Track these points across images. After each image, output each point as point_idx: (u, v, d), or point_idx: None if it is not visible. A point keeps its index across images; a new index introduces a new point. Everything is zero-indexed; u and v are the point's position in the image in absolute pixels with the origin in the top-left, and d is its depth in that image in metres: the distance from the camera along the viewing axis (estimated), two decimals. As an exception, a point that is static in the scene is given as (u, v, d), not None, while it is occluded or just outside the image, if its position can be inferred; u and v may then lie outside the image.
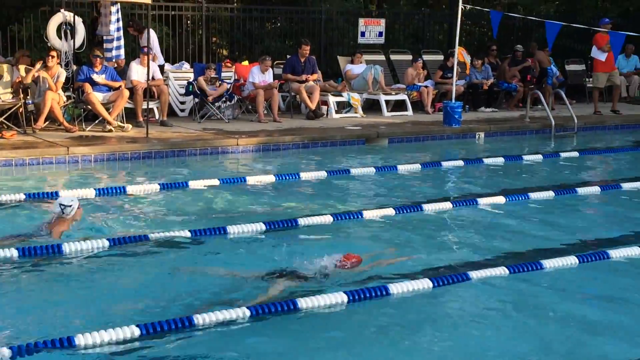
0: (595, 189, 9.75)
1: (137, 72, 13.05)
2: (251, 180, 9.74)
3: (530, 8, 21.88)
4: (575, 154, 12.68)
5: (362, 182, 10.22)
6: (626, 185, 9.90)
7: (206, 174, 9.95)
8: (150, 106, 12.85)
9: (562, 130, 14.70)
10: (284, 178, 9.97)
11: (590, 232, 7.87)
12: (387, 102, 15.72)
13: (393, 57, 17.70)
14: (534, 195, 9.14)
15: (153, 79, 12.95)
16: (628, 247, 7.01)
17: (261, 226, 7.44)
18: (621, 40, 13.81)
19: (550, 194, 9.29)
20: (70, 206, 6.87)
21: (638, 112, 17.16)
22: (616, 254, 6.85)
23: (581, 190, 9.57)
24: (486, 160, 11.65)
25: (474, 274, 6.16)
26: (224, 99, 14.01)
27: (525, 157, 12.22)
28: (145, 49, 12.65)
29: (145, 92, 12.72)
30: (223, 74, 14.68)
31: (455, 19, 14.62)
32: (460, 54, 16.96)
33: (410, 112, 15.68)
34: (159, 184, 9.26)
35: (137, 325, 4.92)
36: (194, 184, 9.33)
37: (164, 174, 10.23)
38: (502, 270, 6.30)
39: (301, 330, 5.22)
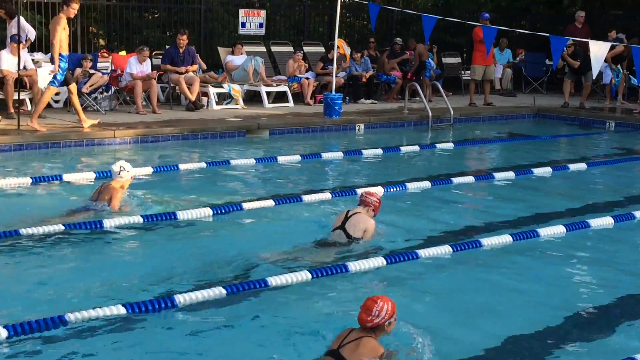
0: (470, 179, 10.02)
1: (7, 62, 12.53)
2: (129, 173, 9.51)
3: (408, 1, 22.31)
4: (451, 145, 13.01)
5: (243, 174, 10.15)
6: (498, 175, 10.23)
7: (81, 167, 9.67)
8: (21, 97, 12.37)
9: (439, 122, 15.07)
10: (162, 170, 9.81)
11: (463, 221, 8.08)
12: (268, 93, 15.70)
13: (274, 48, 17.69)
14: (411, 186, 9.32)
15: (25, 68, 12.47)
16: (499, 236, 7.24)
17: (139, 219, 7.31)
18: (493, 34, 14.23)
19: (426, 184, 9.50)
20: (128, 171, 7.77)
21: (511, 104, 17.78)
22: (488, 242, 7.06)
23: (456, 180, 9.82)
24: (365, 152, 11.80)
25: (352, 266, 6.23)
26: (100, 90, 13.64)
27: (403, 148, 12.44)
28: (16, 37, 12.16)
29: (16, 82, 12.25)
30: (99, 65, 14.29)
31: (336, 11, 14.73)
32: (341, 46, 17.15)
33: (291, 103, 15.72)
34: (31, 177, 8.94)
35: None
36: (68, 177, 9.05)
37: (36, 167, 9.88)
38: (381, 261, 6.38)
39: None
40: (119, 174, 7.74)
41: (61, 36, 11.16)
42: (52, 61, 11.52)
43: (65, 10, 11.29)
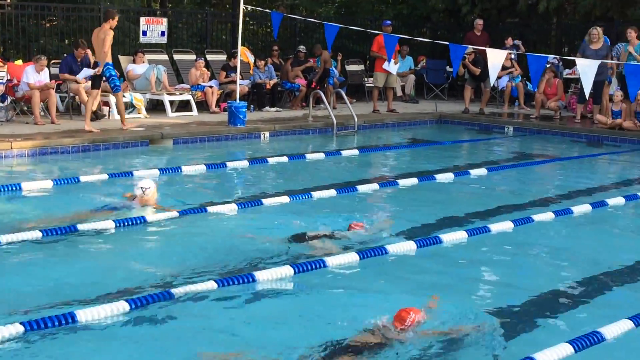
0: (374, 186, 10.11)
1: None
2: (27, 186, 9.23)
3: (311, 9, 22.43)
4: (356, 151, 13.13)
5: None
6: (402, 182, 10.38)
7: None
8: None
9: (343, 129, 15.19)
10: (63, 183, 9.55)
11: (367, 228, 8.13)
12: (171, 102, 15.52)
13: (177, 56, 17.50)
14: (316, 194, 9.34)
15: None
16: (403, 242, 7.33)
17: (37, 234, 7.09)
18: (394, 42, 14.45)
19: (332, 192, 9.54)
20: (149, 187, 8.21)
21: (413, 110, 18.09)
22: (393, 248, 7.13)
23: (361, 188, 9.90)
24: (270, 160, 11.78)
25: (259, 275, 6.20)
26: (-5, 100, 13.21)
27: (309, 156, 12.48)
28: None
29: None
30: (-6, 74, 13.82)
31: (238, 19, 14.67)
32: (244, 54, 17.10)
33: (195, 112, 15.56)
34: None
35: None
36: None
37: None
38: (287, 270, 6.37)
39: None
40: (144, 194, 8.18)
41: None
42: (93, 67, 13.40)
43: (110, 22, 12.67)
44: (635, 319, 5.49)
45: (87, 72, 13.80)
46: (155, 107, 15.87)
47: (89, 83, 13.34)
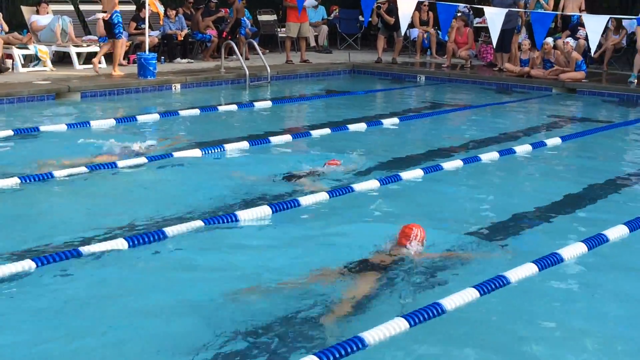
0: (287, 137, 10.08)
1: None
2: None
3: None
4: (269, 103, 13.04)
5: (53, 140, 9.69)
6: (315, 132, 10.38)
7: None
8: None
9: (256, 80, 15.05)
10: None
11: (279, 179, 8.10)
12: (78, 54, 15.05)
13: (82, 7, 16.91)
14: (229, 147, 9.25)
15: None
16: (318, 193, 7.34)
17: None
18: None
19: (245, 144, 9.47)
20: None
21: (326, 60, 18.04)
22: (305, 200, 7.14)
23: (274, 139, 9.86)
24: (182, 112, 11.61)
25: (169, 231, 6.13)
26: None
27: (221, 108, 12.35)
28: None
29: None
30: None
31: (146, -32, 14.28)
32: (153, 4, 16.60)
33: (103, 64, 15.15)
34: None
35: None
36: None
37: None
38: (197, 223, 6.32)
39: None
40: None
41: None
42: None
43: None
44: (539, 263, 5.66)
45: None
46: (61, 59, 15.38)
47: None
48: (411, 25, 17.89)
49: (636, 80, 14.76)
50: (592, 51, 13.28)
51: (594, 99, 14.42)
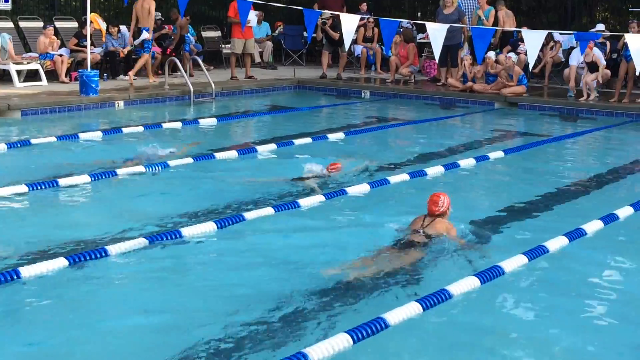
0: (233, 154, 10.03)
1: None
2: None
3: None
4: (214, 120, 12.97)
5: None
6: (261, 148, 10.35)
7: None
8: None
9: (201, 96, 14.98)
10: None
11: (226, 196, 8.06)
12: (18, 72, 14.81)
13: (22, 24, 16.71)
14: (173, 163, 9.18)
15: None
16: (263, 208, 7.32)
17: None
18: (248, 7, 14.31)
19: (189, 160, 9.41)
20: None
21: (271, 76, 18.06)
22: (250, 215, 7.12)
23: (219, 155, 9.80)
24: (125, 130, 11.48)
25: (114, 248, 6.05)
26: None
27: (165, 125, 12.25)
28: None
29: None
30: None
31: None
32: (95, 20, 16.48)
33: (44, 82, 14.93)
34: None
35: None
36: None
37: None
38: (142, 241, 6.26)
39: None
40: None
41: None
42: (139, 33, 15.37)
43: None
44: (480, 276, 5.72)
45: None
46: (1, 77, 15.12)
47: None
48: (354, 41, 18.04)
49: (574, 93, 15.07)
50: (531, 66, 13.51)
51: (535, 112, 14.68)
